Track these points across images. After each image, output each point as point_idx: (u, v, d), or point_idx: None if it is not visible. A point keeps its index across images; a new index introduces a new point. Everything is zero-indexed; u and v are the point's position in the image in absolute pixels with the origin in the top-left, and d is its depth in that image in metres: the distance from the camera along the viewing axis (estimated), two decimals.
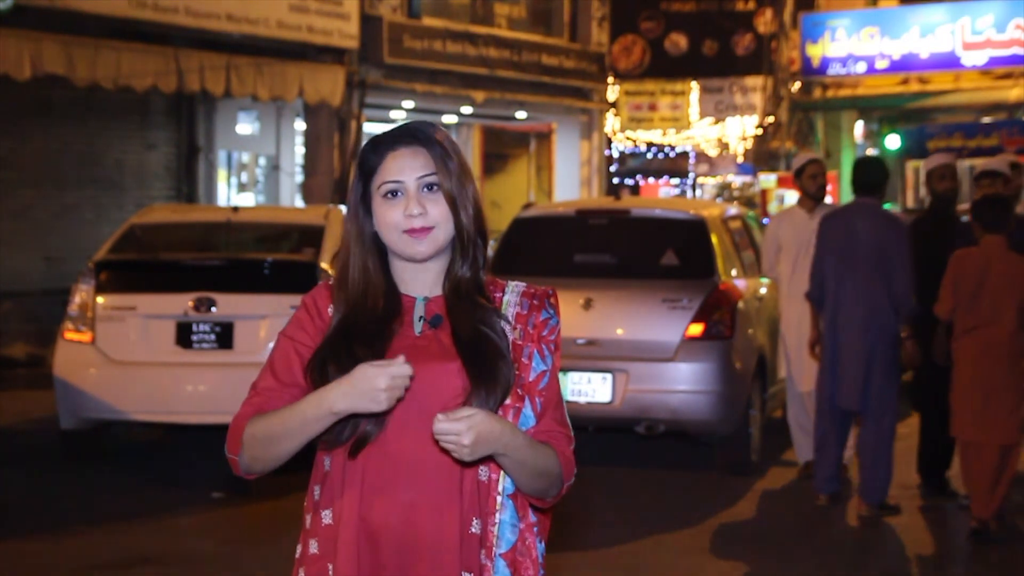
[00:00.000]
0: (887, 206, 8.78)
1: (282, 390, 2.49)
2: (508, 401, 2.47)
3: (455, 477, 2.45)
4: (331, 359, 2.45)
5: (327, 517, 2.48)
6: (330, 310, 2.54)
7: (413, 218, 2.47)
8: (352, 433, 2.43)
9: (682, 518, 7.43)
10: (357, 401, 2.33)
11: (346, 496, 2.46)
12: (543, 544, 2.55)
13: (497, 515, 2.48)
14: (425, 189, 2.49)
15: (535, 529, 2.53)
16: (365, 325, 2.48)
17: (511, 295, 2.57)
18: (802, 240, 8.33)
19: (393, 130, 2.55)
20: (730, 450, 8.54)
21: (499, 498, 2.48)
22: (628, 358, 8.29)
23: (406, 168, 2.49)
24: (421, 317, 2.53)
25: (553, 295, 2.59)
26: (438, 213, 2.48)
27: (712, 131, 22.76)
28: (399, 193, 2.49)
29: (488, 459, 2.41)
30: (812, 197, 8.45)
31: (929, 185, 8.19)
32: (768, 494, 8.09)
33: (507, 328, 2.51)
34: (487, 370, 2.45)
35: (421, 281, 2.55)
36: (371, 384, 2.30)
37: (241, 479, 2.61)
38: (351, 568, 2.44)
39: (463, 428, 2.29)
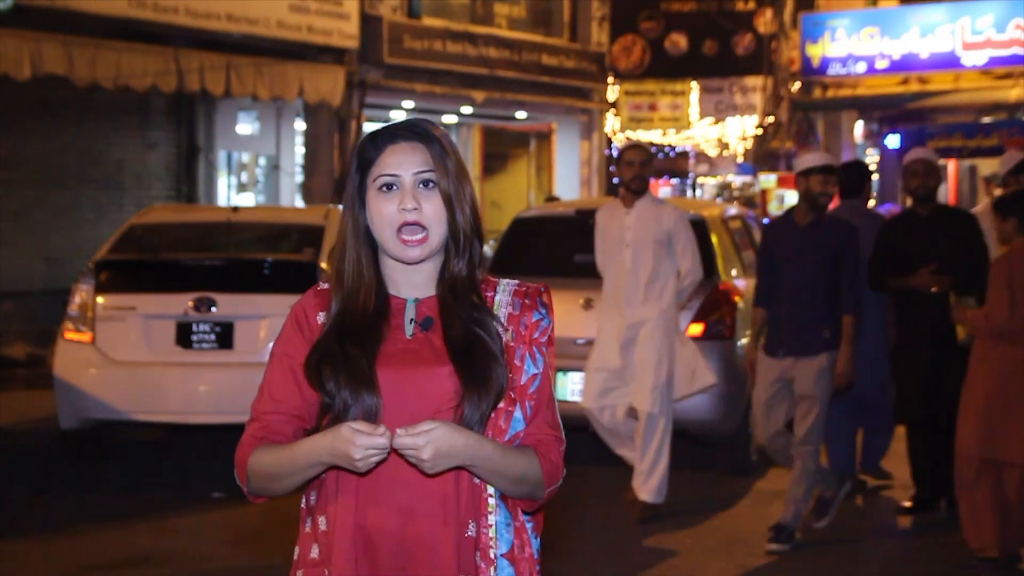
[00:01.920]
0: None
1: (280, 413, 2.49)
2: (501, 404, 2.46)
3: (449, 481, 2.43)
4: (326, 362, 2.44)
5: (323, 523, 2.48)
6: (320, 317, 2.51)
7: (407, 212, 2.45)
8: None
9: (682, 518, 7.43)
10: (338, 461, 2.34)
11: (341, 502, 2.45)
12: (538, 540, 2.54)
13: (491, 516, 2.47)
14: (421, 185, 2.47)
15: (528, 527, 2.52)
16: (358, 324, 2.46)
17: (503, 294, 2.54)
18: (613, 236, 7.54)
19: (392, 124, 2.54)
20: (730, 450, 8.55)
21: (491, 500, 2.47)
22: None
23: (404, 162, 2.48)
24: (412, 319, 2.50)
25: (545, 292, 2.56)
26: (432, 211, 2.47)
27: (712, 131, 22.76)
28: (395, 187, 2.47)
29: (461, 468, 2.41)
30: (626, 187, 7.46)
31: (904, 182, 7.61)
32: (768, 494, 8.09)
33: (499, 329, 2.49)
34: (479, 373, 2.42)
35: (412, 282, 2.53)
36: (346, 452, 2.30)
37: None
38: (348, 574, 2.43)
39: (421, 443, 2.29)
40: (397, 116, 19.23)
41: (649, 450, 7.30)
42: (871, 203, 9.99)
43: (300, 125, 18.45)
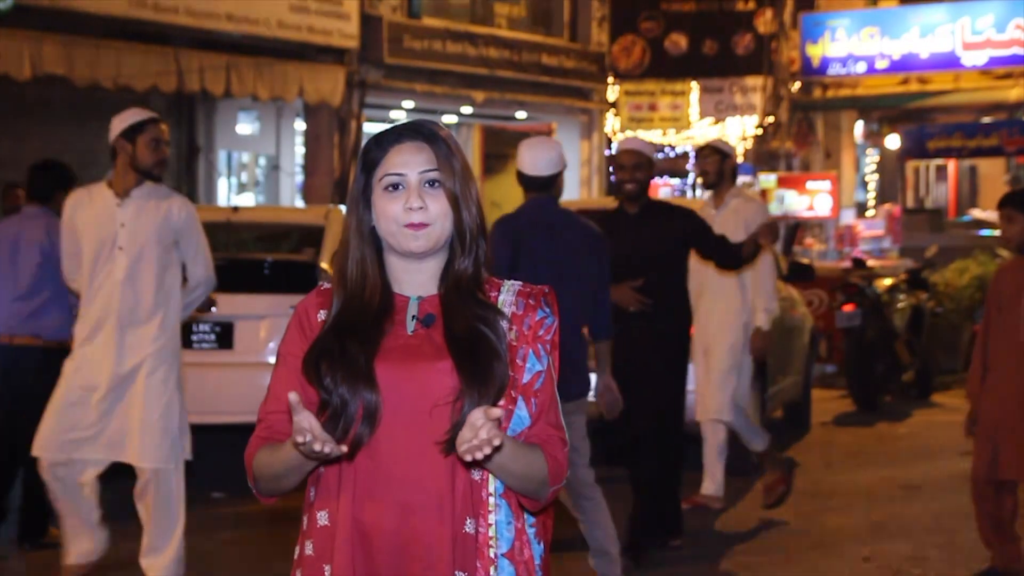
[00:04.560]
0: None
1: (283, 413, 2.49)
2: (501, 403, 2.44)
3: (447, 477, 2.43)
4: (323, 356, 2.45)
5: (323, 518, 2.48)
6: (320, 315, 2.52)
7: (413, 211, 2.46)
8: (344, 437, 2.41)
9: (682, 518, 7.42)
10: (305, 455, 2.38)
11: (341, 498, 2.46)
12: (542, 546, 2.52)
13: (492, 515, 2.46)
14: (427, 184, 2.48)
15: (532, 531, 2.51)
16: (359, 322, 2.47)
17: (507, 295, 2.54)
18: (99, 235, 5.71)
19: (398, 125, 2.55)
20: (730, 450, 8.53)
21: (491, 498, 2.46)
22: None
23: (409, 162, 2.48)
24: (414, 316, 2.51)
25: (550, 293, 2.56)
26: (438, 209, 2.47)
27: (712, 131, 22.74)
28: (400, 186, 2.48)
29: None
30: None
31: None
32: None
33: (505, 327, 2.49)
34: (480, 370, 2.42)
35: (415, 281, 2.53)
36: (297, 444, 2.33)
37: (241, 479, 2.63)
38: (347, 570, 2.43)
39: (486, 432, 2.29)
40: (397, 116, 19.24)
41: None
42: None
43: (300, 125, 18.46)
